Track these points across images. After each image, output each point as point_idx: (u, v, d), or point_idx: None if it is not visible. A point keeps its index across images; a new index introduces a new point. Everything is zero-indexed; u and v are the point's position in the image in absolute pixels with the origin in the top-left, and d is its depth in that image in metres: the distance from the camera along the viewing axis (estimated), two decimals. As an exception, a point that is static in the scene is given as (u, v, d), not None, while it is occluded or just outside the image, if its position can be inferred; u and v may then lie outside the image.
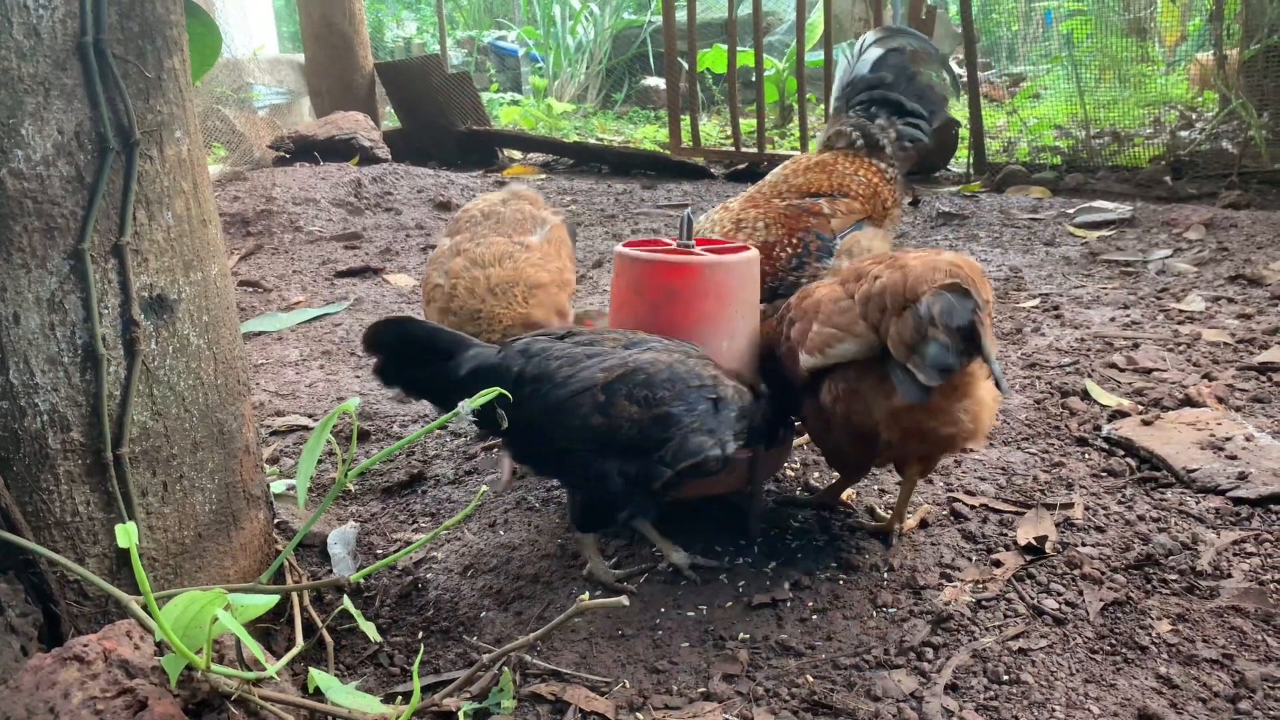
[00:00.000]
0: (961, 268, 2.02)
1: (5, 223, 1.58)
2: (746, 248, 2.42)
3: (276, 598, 1.59)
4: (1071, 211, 6.27)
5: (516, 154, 10.28)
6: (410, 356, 2.12)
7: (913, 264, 2.04)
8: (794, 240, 2.77)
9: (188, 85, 1.84)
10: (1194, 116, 8.39)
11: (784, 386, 2.32)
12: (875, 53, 3.22)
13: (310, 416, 3.37)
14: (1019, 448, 2.91)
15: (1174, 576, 2.17)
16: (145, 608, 1.51)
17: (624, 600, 1.68)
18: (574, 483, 2.22)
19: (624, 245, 2.39)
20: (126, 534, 1.40)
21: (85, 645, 1.54)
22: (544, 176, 9.02)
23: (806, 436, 2.82)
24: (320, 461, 2.82)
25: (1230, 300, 4.19)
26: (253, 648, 1.51)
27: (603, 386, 2.02)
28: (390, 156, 8.98)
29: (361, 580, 2.20)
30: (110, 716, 1.45)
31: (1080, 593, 2.14)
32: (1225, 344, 3.63)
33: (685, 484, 2.17)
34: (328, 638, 2.05)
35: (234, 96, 8.73)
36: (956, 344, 1.88)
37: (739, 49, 9.38)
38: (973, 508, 2.53)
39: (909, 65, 3.26)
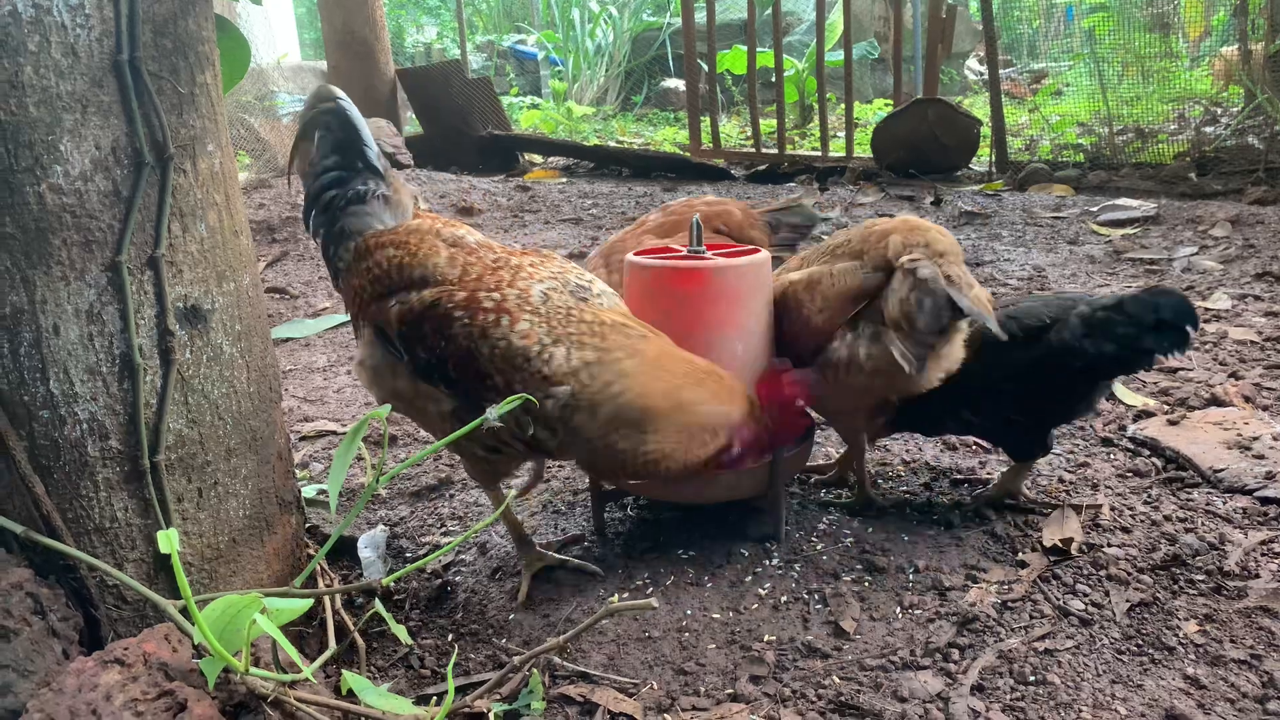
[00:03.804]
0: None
1: (45, 236, 1.62)
2: (756, 250, 2.42)
3: (310, 602, 1.63)
4: (1095, 209, 6.23)
5: (537, 158, 10.32)
6: None
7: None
8: None
9: (219, 99, 1.88)
10: (1219, 112, 8.32)
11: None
12: None
13: (338, 422, 3.41)
14: (1044, 448, 2.90)
15: (1201, 577, 2.17)
16: (184, 612, 1.55)
17: (654, 603, 1.70)
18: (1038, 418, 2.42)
19: (635, 253, 2.41)
20: (168, 540, 1.43)
21: (126, 648, 1.58)
22: (565, 180, 9.05)
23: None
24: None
25: (1257, 298, 4.16)
26: (289, 650, 1.54)
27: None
28: (413, 162, 9.04)
29: (392, 584, 2.23)
30: (151, 718, 1.49)
31: (1107, 593, 2.13)
32: (1252, 342, 3.61)
33: (706, 488, 2.25)
34: (359, 640, 2.08)
35: (258, 104, 8.81)
36: None
37: (759, 49, 9.38)
38: (998, 509, 2.53)
39: None
